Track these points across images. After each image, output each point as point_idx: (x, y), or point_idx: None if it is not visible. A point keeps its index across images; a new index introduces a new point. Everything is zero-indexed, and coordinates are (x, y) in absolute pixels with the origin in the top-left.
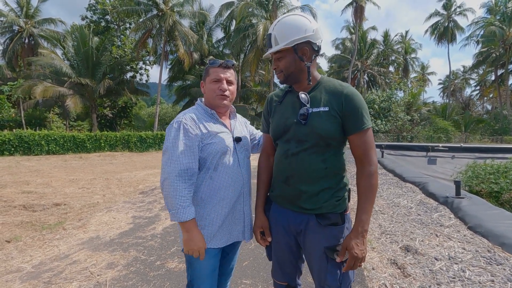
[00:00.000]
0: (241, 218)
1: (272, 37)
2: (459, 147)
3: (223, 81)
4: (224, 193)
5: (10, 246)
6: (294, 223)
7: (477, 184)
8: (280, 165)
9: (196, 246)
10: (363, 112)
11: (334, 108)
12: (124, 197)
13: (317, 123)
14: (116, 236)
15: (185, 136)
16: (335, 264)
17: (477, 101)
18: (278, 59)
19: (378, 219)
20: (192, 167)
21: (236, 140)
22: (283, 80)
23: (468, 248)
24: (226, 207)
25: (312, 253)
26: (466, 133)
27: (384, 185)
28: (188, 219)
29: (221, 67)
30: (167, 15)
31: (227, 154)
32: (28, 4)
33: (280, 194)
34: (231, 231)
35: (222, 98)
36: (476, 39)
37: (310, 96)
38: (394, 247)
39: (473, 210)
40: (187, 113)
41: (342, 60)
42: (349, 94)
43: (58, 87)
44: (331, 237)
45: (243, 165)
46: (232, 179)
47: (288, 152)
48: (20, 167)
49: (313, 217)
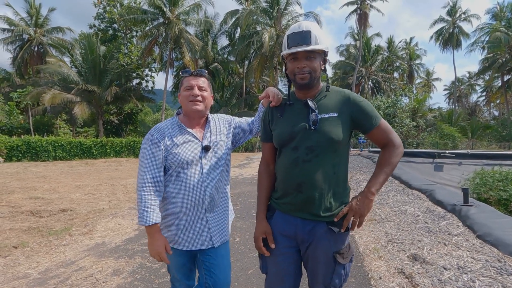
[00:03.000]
0: (205, 226)
1: (313, 35)
2: (466, 153)
3: (195, 87)
4: (183, 200)
5: (17, 252)
6: (303, 231)
7: (485, 191)
8: (290, 173)
9: (155, 250)
10: (373, 110)
11: (343, 113)
12: (130, 203)
13: (328, 128)
14: (121, 243)
15: (151, 147)
16: (341, 266)
17: (484, 107)
18: (309, 58)
19: (385, 227)
20: (156, 175)
21: (205, 149)
22: (307, 82)
23: (477, 258)
24: (186, 214)
25: (319, 259)
26: (473, 140)
27: (390, 192)
28: (148, 223)
29: (193, 76)
30: (173, 23)
31: (191, 164)
32: (37, 13)
33: (290, 202)
34: (194, 237)
35: (194, 103)
36: (482, 45)
37: (318, 103)
38: (402, 255)
39: (482, 218)
40: (159, 125)
41: (346, 66)
42: (356, 98)
43: (66, 94)
44: (340, 242)
45: (208, 174)
46: (192, 188)
47: (299, 160)
48: (28, 173)
49: (324, 224)
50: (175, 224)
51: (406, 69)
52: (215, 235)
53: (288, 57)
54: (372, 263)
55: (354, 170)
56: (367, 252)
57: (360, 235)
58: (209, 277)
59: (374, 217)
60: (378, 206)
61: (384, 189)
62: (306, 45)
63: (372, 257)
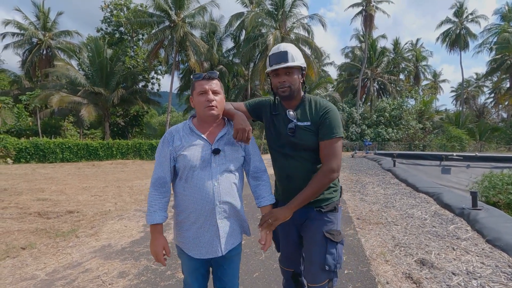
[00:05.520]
0: (215, 234)
1: (289, 54)
2: (474, 156)
3: (209, 91)
4: (193, 205)
5: (25, 253)
6: (299, 215)
7: (494, 194)
8: (281, 165)
9: (153, 250)
10: (334, 125)
11: (315, 122)
12: (136, 205)
13: (303, 136)
14: (127, 245)
15: (162, 149)
16: (333, 245)
17: (492, 109)
18: (288, 73)
19: (392, 231)
20: (162, 176)
21: (214, 152)
22: (288, 94)
23: (487, 263)
24: (196, 221)
25: (313, 237)
26: (481, 142)
27: (396, 195)
28: (151, 222)
29: (205, 79)
30: (179, 26)
31: (199, 167)
32: (46, 17)
33: (284, 190)
34: (205, 246)
35: (210, 109)
36: (490, 46)
37: (298, 112)
38: (409, 260)
39: (491, 222)
40: (173, 127)
41: (351, 68)
42: (325, 109)
43: (73, 97)
44: (328, 222)
45: (218, 179)
46: (201, 193)
47: (287, 155)
48: (36, 174)
49: (313, 208)
50: (187, 231)
51: (412, 71)
52: (225, 242)
53: (271, 74)
54: (379, 268)
55: (359, 173)
56: (373, 256)
57: (367, 238)
58: (218, 282)
59: (380, 221)
60: (384, 210)
61: (391, 192)
62: (284, 63)
63: (379, 261)
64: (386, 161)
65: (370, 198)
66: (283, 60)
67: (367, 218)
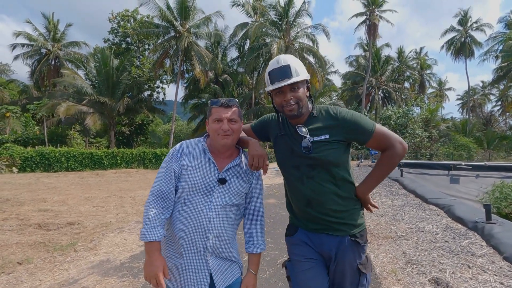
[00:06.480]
0: (204, 266)
1: (292, 68)
2: (483, 165)
3: (225, 120)
4: (184, 229)
5: (21, 268)
6: (328, 246)
7: (506, 206)
8: (298, 189)
9: (152, 272)
10: (363, 122)
11: (335, 134)
12: (137, 217)
13: (322, 152)
14: (126, 260)
15: (170, 162)
16: (364, 276)
17: (499, 117)
18: (293, 90)
19: (402, 246)
20: (165, 190)
21: (220, 181)
22: (297, 112)
23: (506, 283)
24: (184, 250)
25: (345, 271)
26: (489, 151)
27: (405, 207)
28: (147, 239)
29: (223, 107)
30: (184, 36)
31: (200, 192)
32: (55, 28)
33: (304, 218)
34: (188, 277)
35: (223, 138)
36: (495, 54)
37: (309, 127)
38: (422, 279)
39: (508, 237)
40: (185, 141)
41: (356, 76)
42: (344, 116)
43: (80, 106)
44: (362, 253)
45: (217, 210)
46: (196, 220)
47: (304, 177)
48: (39, 184)
49: (347, 238)
50: (171, 256)
51: (417, 79)
52: (218, 279)
53: (273, 92)
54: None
55: None
56: (384, 274)
57: (376, 254)
58: None
59: (390, 235)
60: (393, 223)
61: (399, 203)
62: (288, 79)
63: (390, 280)
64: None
65: (378, 210)
66: (286, 76)
67: (376, 232)
